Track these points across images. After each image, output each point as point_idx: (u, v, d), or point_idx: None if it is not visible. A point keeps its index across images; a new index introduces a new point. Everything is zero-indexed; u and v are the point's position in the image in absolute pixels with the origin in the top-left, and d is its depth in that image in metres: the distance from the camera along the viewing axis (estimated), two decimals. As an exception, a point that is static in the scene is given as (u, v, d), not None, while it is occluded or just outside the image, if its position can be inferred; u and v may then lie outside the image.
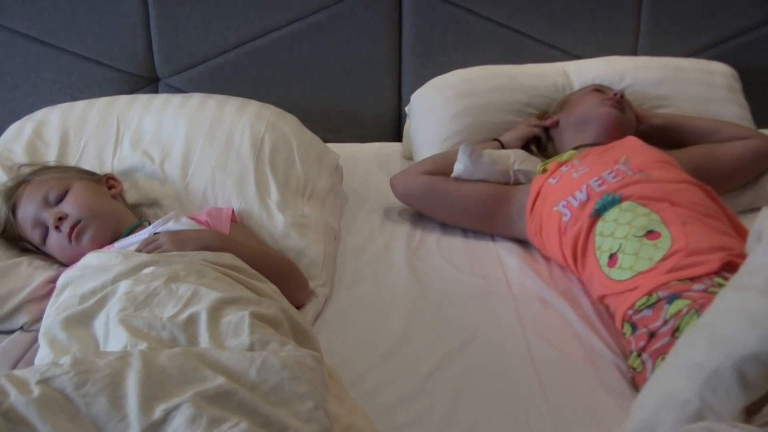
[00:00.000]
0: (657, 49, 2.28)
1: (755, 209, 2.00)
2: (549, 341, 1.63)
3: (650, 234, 1.61)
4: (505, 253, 1.92)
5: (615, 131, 1.95)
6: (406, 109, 2.26)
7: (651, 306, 1.49)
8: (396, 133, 2.43)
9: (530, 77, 2.23)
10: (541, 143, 2.09)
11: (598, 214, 1.70)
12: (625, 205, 1.68)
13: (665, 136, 2.05)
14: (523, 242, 1.95)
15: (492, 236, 1.98)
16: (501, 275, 1.84)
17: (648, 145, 1.87)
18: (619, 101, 2.00)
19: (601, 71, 2.22)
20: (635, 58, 2.26)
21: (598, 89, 2.06)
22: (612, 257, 1.64)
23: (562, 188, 1.81)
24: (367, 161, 2.27)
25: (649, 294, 1.51)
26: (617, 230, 1.65)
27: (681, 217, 1.61)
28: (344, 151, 2.23)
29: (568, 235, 1.74)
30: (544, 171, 1.89)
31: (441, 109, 2.15)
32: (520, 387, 1.51)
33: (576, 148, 1.94)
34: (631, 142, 1.89)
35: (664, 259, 1.55)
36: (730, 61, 2.24)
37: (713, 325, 1.19)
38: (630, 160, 1.78)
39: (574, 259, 1.74)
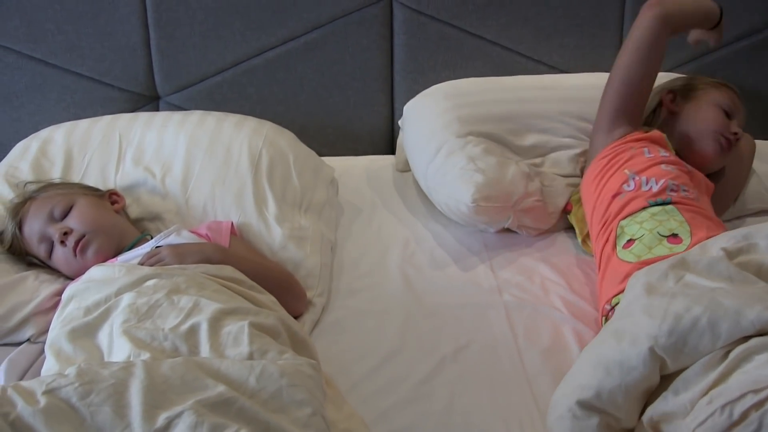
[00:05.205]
0: (640, 64, 2.28)
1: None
2: (540, 347, 1.63)
3: (674, 237, 1.62)
4: (496, 262, 1.91)
5: (707, 169, 1.91)
6: (399, 122, 2.27)
7: None
8: (389, 147, 2.43)
9: (519, 80, 2.25)
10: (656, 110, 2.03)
11: (649, 206, 1.69)
12: (669, 207, 1.68)
13: None
14: (514, 251, 1.95)
15: (485, 245, 1.97)
16: (493, 283, 1.84)
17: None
18: (731, 147, 1.91)
19: (584, 82, 2.22)
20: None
21: (728, 111, 1.93)
22: (630, 241, 1.65)
23: (647, 167, 1.76)
24: (362, 174, 2.27)
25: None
26: (647, 222, 1.66)
27: (707, 233, 1.61)
28: (339, 164, 2.23)
29: (617, 202, 1.73)
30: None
31: (431, 108, 2.14)
32: (512, 392, 1.52)
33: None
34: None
35: None
36: (708, 76, 2.24)
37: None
38: (701, 197, 1.77)
39: (602, 221, 1.74)
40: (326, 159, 2.20)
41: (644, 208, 1.69)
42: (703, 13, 1.96)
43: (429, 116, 2.12)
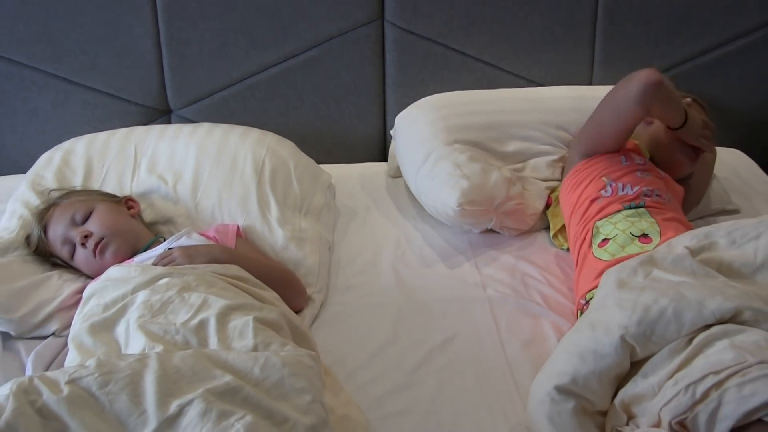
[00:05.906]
0: (611, 78, 2.28)
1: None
2: (521, 338, 1.64)
3: (644, 237, 1.63)
4: (481, 260, 1.92)
5: (677, 175, 1.92)
6: (391, 132, 2.27)
7: None
8: (382, 155, 2.44)
9: (501, 93, 2.25)
10: None
11: (624, 209, 1.70)
12: (641, 210, 1.69)
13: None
14: (497, 250, 1.96)
15: (470, 244, 1.98)
16: (477, 279, 1.85)
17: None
18: (699, 157, 1.91)
19: (560, 94, 2.23)
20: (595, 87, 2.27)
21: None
22: (604, 240, 1.66)
23: (624, 174, 1.76)
24: (357, 180, 2.28)
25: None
26: (620, 223, 1.67)
27: (676, 233, 1.61)
28: (336, 171, 2.24)
29: (595, 206, 1.74)
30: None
31: (421, 119, 2.14)
32: (495, 379, 1.53)
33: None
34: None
35: None
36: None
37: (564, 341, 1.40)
38: (672, 200, 1.78)
39: (581, 223, 1.75)
40: (324, 166, 2.20)
41: (619, 211, 1.71)
42: (678, 110, 1.79)
43: (418, 126, 2.13)
